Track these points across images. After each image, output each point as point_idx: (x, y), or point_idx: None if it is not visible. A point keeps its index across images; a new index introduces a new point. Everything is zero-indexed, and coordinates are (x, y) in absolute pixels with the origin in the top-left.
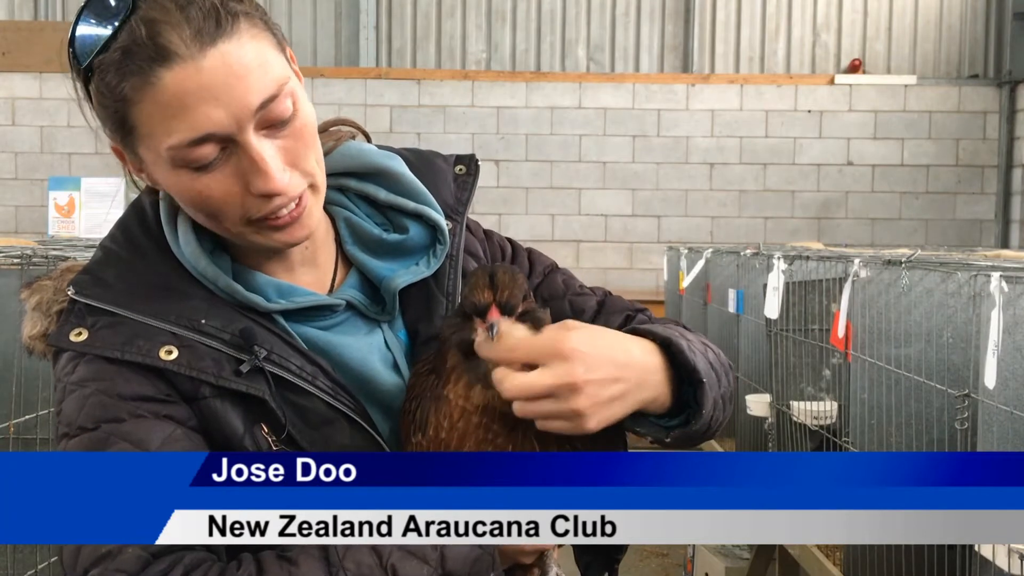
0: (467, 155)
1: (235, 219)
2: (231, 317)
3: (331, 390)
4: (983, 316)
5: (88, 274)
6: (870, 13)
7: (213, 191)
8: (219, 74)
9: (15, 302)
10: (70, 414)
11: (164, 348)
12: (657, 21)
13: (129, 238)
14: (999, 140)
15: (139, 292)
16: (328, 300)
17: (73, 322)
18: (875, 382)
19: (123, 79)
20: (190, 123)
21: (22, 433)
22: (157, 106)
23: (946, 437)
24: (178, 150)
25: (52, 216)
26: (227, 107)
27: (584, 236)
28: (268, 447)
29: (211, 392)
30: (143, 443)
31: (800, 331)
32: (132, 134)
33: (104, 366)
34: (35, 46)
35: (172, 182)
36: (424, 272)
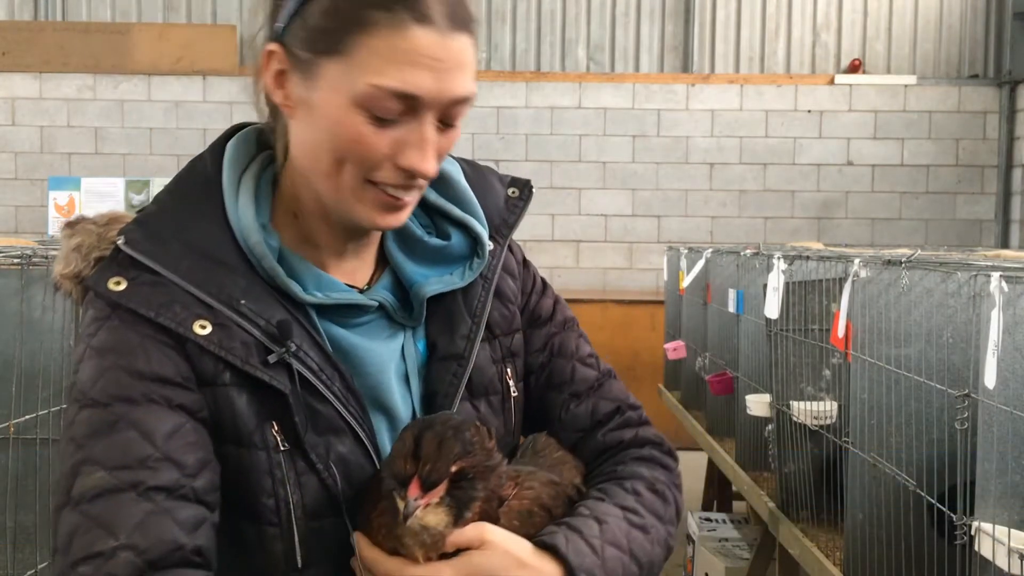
0: (523, 180)
1: (360, 173)
2: (267, 303)
3: (343, 397)
4: (983, 316)
5: (140, 227)
6: (870, 13)
7: (371, 140)
8: (451, 55)
9: (15, 302)
10: (85, 381)
11: (198, 321)
12: (657, 21)
13: (186, 196)
14: (999, 140)
15: (186, 256)
16: (362, 300)
17: (115, 269)
18: (875, 382)
19: (372, 8)
20: (406, 77)
21: (22, 433)
22: (389, 48)
23: (946, 437)
24: (378, 90)
25: (52, 216)
26: (440, 84)
27: (584, 236)
28: (276, 446)
29: (231, 379)
30: (150, 433)
31: (800, 331)
32: (337, 54)
33: (127, 336)
34: (35, 46)
35: (340, 114)
36: (456, 283)
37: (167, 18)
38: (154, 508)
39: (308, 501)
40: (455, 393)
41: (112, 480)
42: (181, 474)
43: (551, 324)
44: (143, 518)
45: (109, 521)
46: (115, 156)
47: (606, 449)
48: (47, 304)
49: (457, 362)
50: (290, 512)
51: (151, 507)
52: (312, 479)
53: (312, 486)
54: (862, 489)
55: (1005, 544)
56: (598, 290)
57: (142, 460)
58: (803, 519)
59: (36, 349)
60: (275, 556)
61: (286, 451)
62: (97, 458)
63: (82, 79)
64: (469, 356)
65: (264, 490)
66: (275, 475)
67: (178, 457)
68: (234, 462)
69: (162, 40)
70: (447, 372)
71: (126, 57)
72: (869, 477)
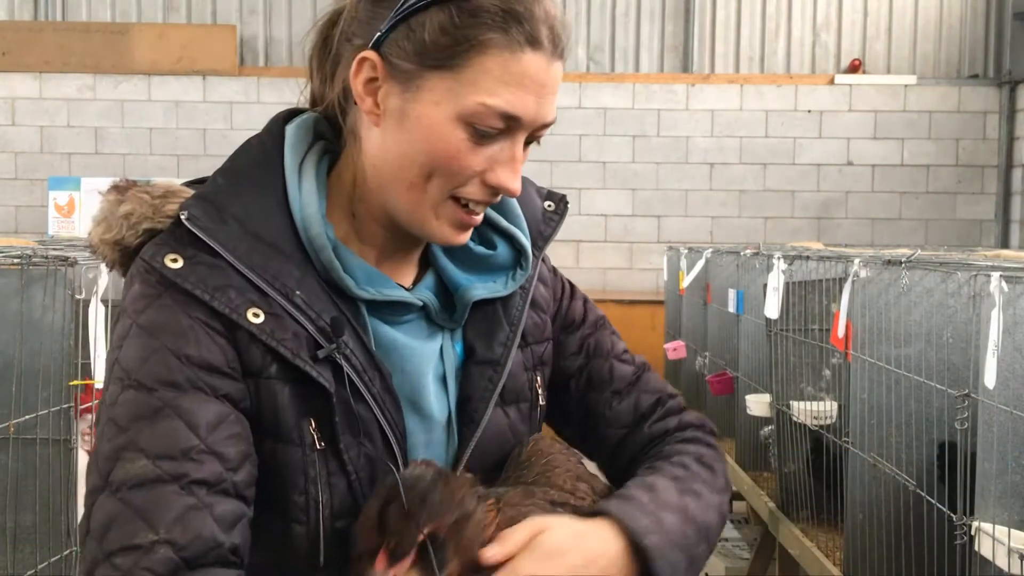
0: (559, 194)
1: (446, 188)
2: (319, 296)
3: (381, 399)
4: (983, 316)
5: (201, 203)
6: (870, 13)
7: (467, 155)
8: (551, 81)
9: (15, 302)
10: (130, 360)
11: (252, 309)
12: (657, 21)
13: (244, 178)
14: (999, 140)
15: (244, 239)
16: (410, 298)
17: (172, 245)
18: (875, 382)
19: (491, 29)
20: (513, 99)
21: (22, 433)
22: (502, 69)
23: (946, 437)
24: (487, 109)
25: (52, 216)
26: (539, 107)
27: (584, 236)
28: (313, 443)
29: (277, 372)
30: (195, 423)
31: (800, 331)
32: (448, 69)
33: (178, 317)
34: (35, 46)
35: (443, 129)
36: (500, 291)
37: (167, 18)
38: (195, 503)
39: (337, 502)
40: (489, 398)
41: (155, 470)
42: (223, 467)
43: (584, 326)
44: (183, 512)
45: (150, 513)
46: (115, 156)
47: (653, 439)
48: (47, 304)
49: (493, 368)
50: (319, 511)
51: (193, 501)
52: (342, 480)
53: (341, 487)
54: (862, 489)
55: (1005, 544)
56: (598, 290)
57: (186, 451)
58: (803, 519)
59: (36, 349)
60: (298, 554)
61: (321, 450)
62: (141, 445)
63: (82, 79)
64: (505, 363)
65: (296, 487)
66: (308, 473)
67: (221, 449)
68: (270, 456)
69: (162, 40)
70: (482, 377)
71: (126, 57)
72: (869, 477)
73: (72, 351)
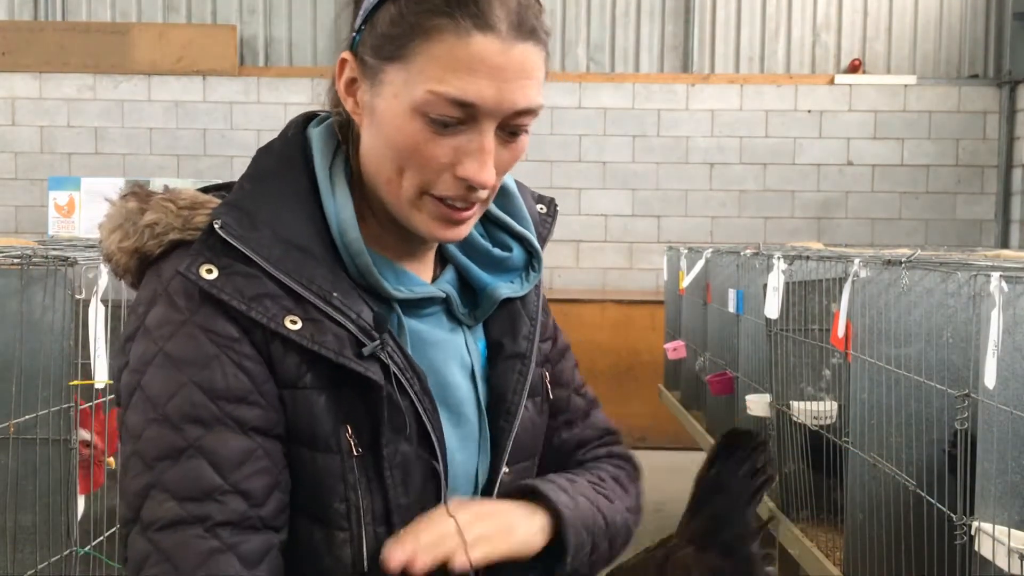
0: (548, 197)
1: (417, 184)
2: (354, 298)
3: (421, 398)
4: (983, 316)
5: (232, 211)
6: (870, 13)
7: (430, 148)
8: (514, 65)
9: (15, 302)
10: (158, 394)
11: (288, 316)
12: (657, 21)
13: (271, 184)
14: (999, 140)
15: (276, 245)
16: (435, 291)
17: (207, 255)
18: (875, 382)
19: (436, 15)
20: (465, 85)
21: (22, 433)
22: (450, 56)
23: (946, 437)
24: (436, 97)
25: (52, 216)
26: (500, 93)
27: (584, 236)
28: (350, 450)
29: (312, 381)
30: (219, 463)
31: (800, 331)
32: (399, 60)
33: (203, 346)
34: (35, 46)
35: (401, 121)
36: (519, 291)
37: (167, 18)
38: (219, 546)
39: (376, 507)
40: (522, 391)
41: (181, 512)
42: (248, 505)
43: (554, 349)
44: (207, 557)
45: (176, 557)
46: (115, 156)
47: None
48: (47, 304)
49: (521, 361)
50: (360, 517)
51: (216, 545)
52: (381, 484)
53: (380, 491)
54: (862, 489)
55: (1005, 544)
56: (598, 290)
57: (210, 492)
58: (803, 519)
59: (36, 349)
60: (343, 561)
61: (359, 456)
62: (167, 485)
63: (82, 79)
64: (531, 356)
65: (337, 495)
66: (347, 480)
67: (246, 487)
68: (308, 466)
69: (162, 40)
70: (513, 371)
71: (126, 57)
72: (869, 477)
73: (72, 351)
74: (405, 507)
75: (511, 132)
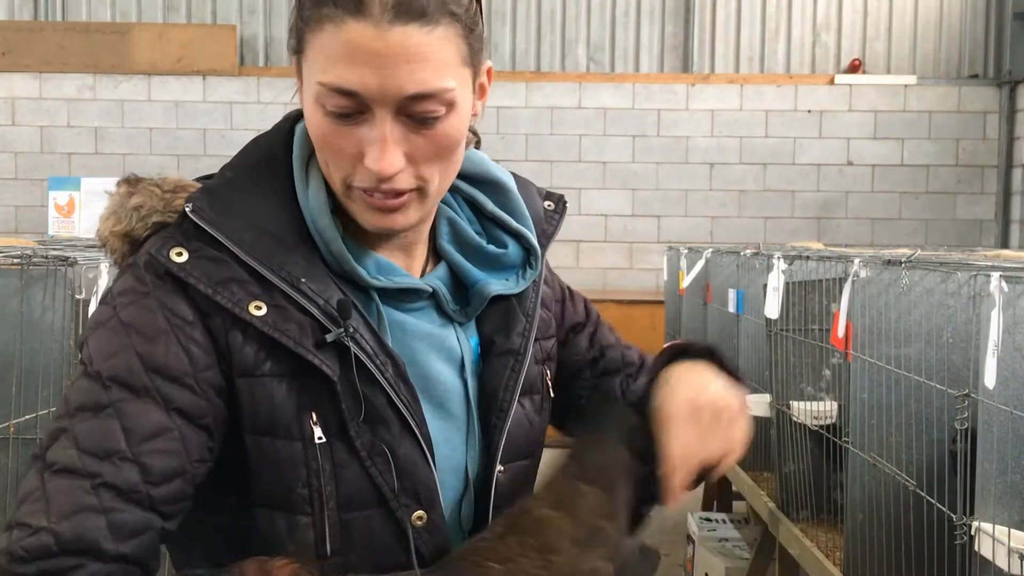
0: (557, 194)
1: (340, 177)
2: (326, 284)
3: (395, 384)
4: (983, 316)
5: (207, 196)
6: (870, 13)
7: (335, 140)
8: (394, 49)
9: (15, 302)
10: (98, 348)
11: (254, 302)
12: (657, 21)
13: (251, 173)
14: (999, 140)
15: (248, 230)
16: (420, 284)
17: (178, 238)
18: (875, 382)
19: (320, 4)
20: (344, 74)
21: (22, 433)
22: (329, 44)
23: (946, 437)
24: (323, 88)
25: (52, 216)
26: (382, 79)
27: (584, 236)
28: (311, 437)
29: (272, 368)
30: (131, 429)
31: (800, 331)
32: (300, 53)
33: (156, 319)
34: (35, 46)
35: (310, 112)
36: (513, 288)
37: (167, 18)
38: (95, 504)
39: (345, 492)
40: (514, 388)
41: (77, 462)
42: (142, 478)
43: (588, 324)
44: (78, 510)
45: (53, 500)
46: (115, 156)
47: None
48: (47, 304)
49: (515, 358)
50: (323, 502)
51: (93, 502)
52: (353, 469)
53: (351, 477)
54: (862, 489)
55: (1005, 544)
56: (598, 290)
57: (110, 453)
58: (803, 519)
59: (36, 349)
60: (305, 544)
61: (323, 443)
62: (76, 434)
63: (82, 79)
64: (525, 353)
65: (299, 480)
66: (310, 466)
67: (147, 461)
68: (269, 454)
69: (162, 40)
70: (505, 368)
71: (126, 57)
72: (869, 477)
73: (72, 351)
74: (401, 491)
75: (420, 120)
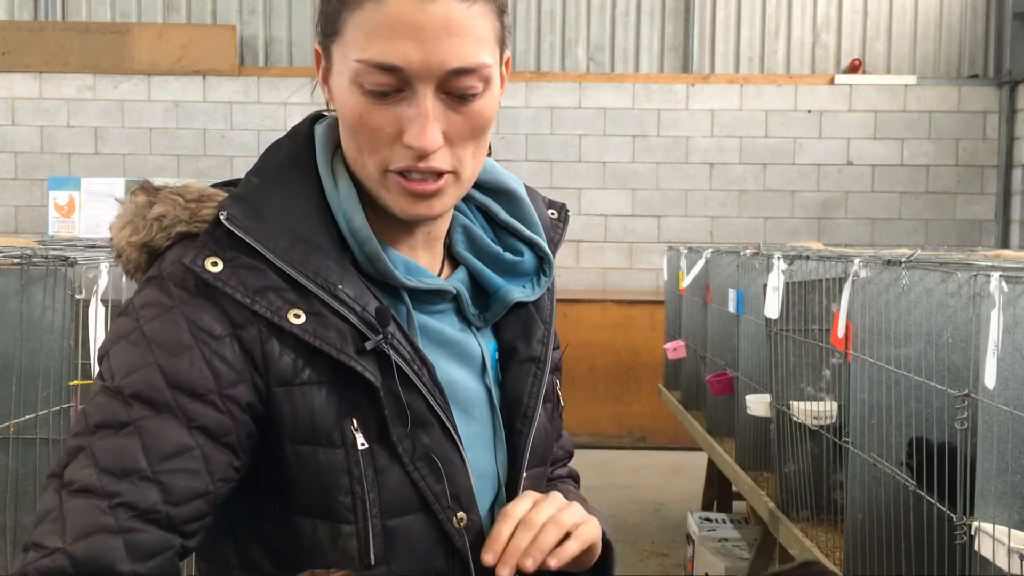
0: (559, 203)
1: (377, 161)
2: (360, 289)
3: (431, 389)
4: (983, 316)
5: (239, 203)
6: (870, 13)
7: (373, 119)
8: (437, 22)
9: (15, 302)
10: (119, 363)
11: (292, 311)
12: (657, 21)
13: (276, 177)
14: (999, 140)
15: (283, 237)
16: (446, 285)
17: (212, 248)
18: (875, 382)
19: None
20: (387, 49)
21: (22, 433)
22: (369, 21)
23: (946, 437)
24: (364, 65)
25: (52, 216)
26: (426, 53)
27: (584, 236)
28: (354, 443)
29: (311, 376)
30: (151, 447)
31: (800, 331)
32: (336, 36)
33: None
34: (35, 46)
35: (345, 96)
36: (531, 295)
37: (167, 18)
38: (112, 525)
39: (388, 498)
40: (538, 394)
41: (95, 482)
42: (162, 498)
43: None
44: (94, 531)
45: (69, 521)
46: (115, 156)
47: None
48: (47, 304)
49: (536, 365)
50: (366, 510)
51: (109, 523)
52: (395, 475)
53: (394, 482)
54: (862, 489)
55: (1005, 544)
56: (598, 290)
57: (130, 472)
58: (803, 519)
59: (36, 349)
60: (348, 554)
61: (365, 449)
62: (95, 452)
63: (82, 79)
64: (546, 360)
65: (341, 488)
66: (353, 473)
67: (168, 480)
68: (311, 463)
69: (162, 40)
70: (528, 375)
71: (126, 57)
72: (869, 477)
73: (72, 351)
74: (442, 495)
75: (459, 97)
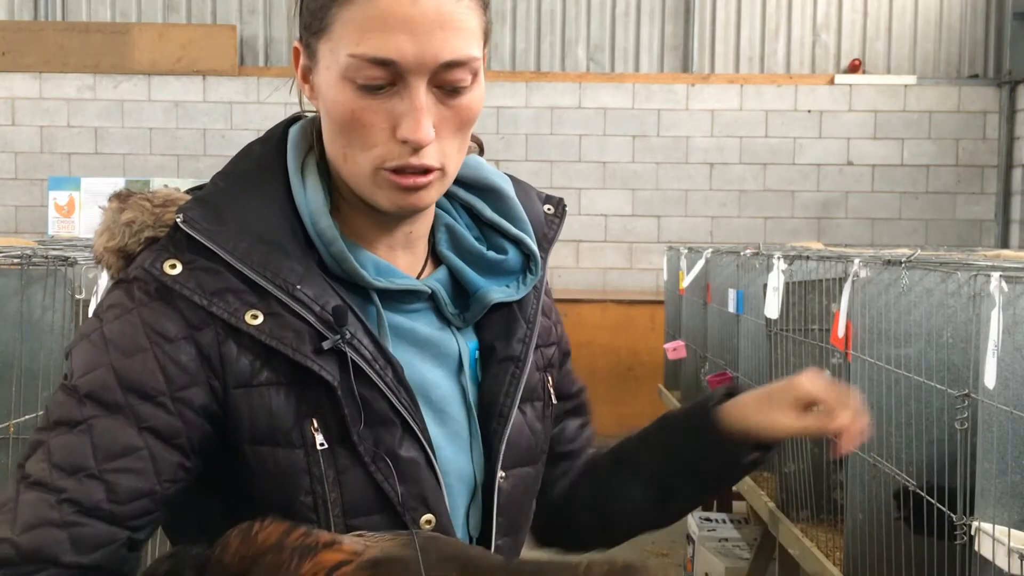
0: (556, 198)
1: (370, 158)
2: (322, 289)
3: (395, 388)
4: (983, 316)
5: (199, 205)
6: (870, 13)
7: (365, 116)
8: (429, 15)
9: (15, 302)
10: (79, 362)
11: (250, 311)
12: (657, 21)
13: (244, 179)
14: (999, 140)
15: (243, 238)
16: (419, 285)
17: (171, 251)
18: (875, 382)
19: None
20: (380, 43)
21: (22, 433)
22: (362, 16)
23: (946, 437)
24: (357, 60)
25: (52, 216)
26: (419, 46)
27: (584, 236)
28: (314, 444)
29: (268, 377)
30: (99, 447)
31: (800, 331)
32: (323, 32)
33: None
34: (35, 46)
35: (334, 93)
36: (513, 295)
37: (167, 18)
38: (57, 518)
39: (350, 498)
40: (514, 394)
41: (47, 476)
42: (107, 496)
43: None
44: (39, 524)
45: (20, 512)
46: (115, 156)
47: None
48: (47, 304)
49: (515, 364)
50: (328, 509)
51: (55, 516)
52: (357, 475)
53: (355, 482)
54: (862, 489)
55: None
56: (598, 290)
57: (77, 470)
58: (803, 519)
59: (36, 349)
60: None
61: (324, 449)
62: (51, 448)
63: (82, 79)
64: (525, 359)
65: (302, 488)
66: (313, 473)
67: (112, 479)
68: (270, 464)
69: (162, 40)
70: (506, 374)
71: (126, 57)
72: (869, 477)
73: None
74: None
75: (451, 90)
